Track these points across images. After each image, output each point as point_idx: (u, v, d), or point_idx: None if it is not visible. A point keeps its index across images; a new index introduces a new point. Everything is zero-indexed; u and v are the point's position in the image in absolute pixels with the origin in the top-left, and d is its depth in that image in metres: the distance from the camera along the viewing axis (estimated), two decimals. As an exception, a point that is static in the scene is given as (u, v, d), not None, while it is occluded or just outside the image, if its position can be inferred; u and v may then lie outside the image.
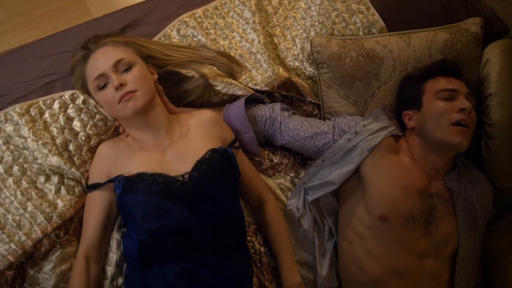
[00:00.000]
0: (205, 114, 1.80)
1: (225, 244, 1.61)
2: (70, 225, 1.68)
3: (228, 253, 1.61)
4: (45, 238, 1.62)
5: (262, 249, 1.84)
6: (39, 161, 1.68)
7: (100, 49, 1.67)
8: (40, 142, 1.68)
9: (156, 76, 1.77)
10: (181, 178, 1.59)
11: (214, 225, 1.59)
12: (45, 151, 1.68)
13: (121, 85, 1.60)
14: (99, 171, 1.68)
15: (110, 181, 1.63)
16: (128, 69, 1.64)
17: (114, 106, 1.62)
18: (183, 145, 1.69)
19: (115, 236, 1.72)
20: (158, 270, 1.54)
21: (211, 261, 1.56)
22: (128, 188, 1.57)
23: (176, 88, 1.88)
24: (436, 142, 1.77)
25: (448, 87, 1.80)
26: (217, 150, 1.68)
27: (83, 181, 1.71)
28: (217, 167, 1.64)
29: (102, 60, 1.64)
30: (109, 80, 1.62)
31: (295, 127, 1.93)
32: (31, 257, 1.60)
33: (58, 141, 1.72)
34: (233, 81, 1.93)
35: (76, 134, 1.76)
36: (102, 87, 1.64)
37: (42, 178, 1.71)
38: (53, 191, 1.70)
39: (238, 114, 1.89)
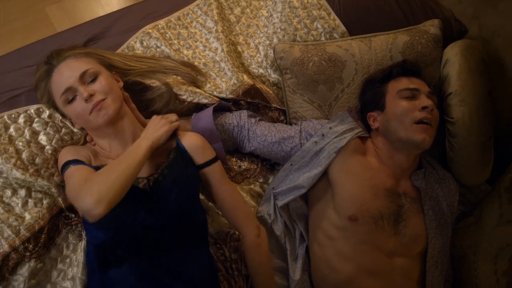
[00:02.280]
0: (191, 139, 1.77)
1: (182, 244, 1.61)
2: (40, 238, 1.67)
3: (185, 253, 1.61)
4: (13, 252, 1.61)
5: (232, 256, 1.84)
6: (4, 175, 1.67)
7: (63, 62, 1.67)
8: (4, 156, 1.66)
9: (121, 84, 1.77)
10: (145, 179, 1.59)
11: (171, 226, 1.59)
12: (9, 165, 1.66)
13: (90, 95, 1.60)
14: (76, 153, 1.64)
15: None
16: (94, 79, 1.64)
17: (86, 117, 1.62)
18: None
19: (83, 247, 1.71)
20: (115, 272, 1.53)
21: (168, 261, 1.56)
22: None
23: (140, 97, 1.89)
24: (400, 141, 1.80)
25: (410, 86, 1.84)
26: (182, 155, 1.68)
27: (52, 189, 1.69)
28: (179, 171, 1.65)
29: (67, 73, 1.64)
30: (77, 92, 1.62)
31: (262, 133, 1.94)
32: None
33: (24, 155, 1.70)
34: (198, 90, 1.94)
35: (42, 148, 1.75)
36: (70, 101, 1.64)
37: (8, 192, 1.69)
38: (20, 205, 1.69)
39: (206, 124, 1.90)
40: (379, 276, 1.75)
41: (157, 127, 1.63)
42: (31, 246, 1.64)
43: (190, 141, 1.75)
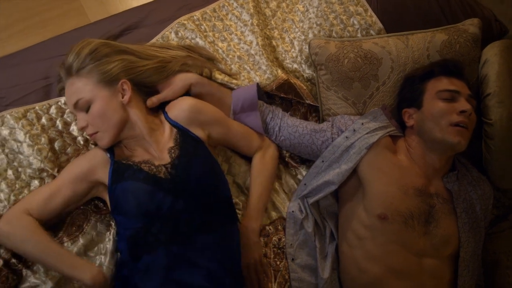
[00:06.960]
0: (185, 102, 1.78)
1: (214, 223, 1.62)
2: (61, 227, 1.69)
3: (218, 233, 1.62)
4: None
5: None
6: (34, 166, 1.68)
7: (67, 81, 1.68)
8: (36, 147, 1.69)
9: (127, 97, 1.68)
10: (163, 167, 1.60)
11: (199, 205, 1.60)
12: (40, 157, 1.68)
13: (82, 128, 1.65)
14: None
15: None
16: (88, 108, 1.64)
17: None
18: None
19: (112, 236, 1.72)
20: (147, 258, 1.54)
21: (201, 243, 1.57)
22: (117, 177, 1.60)
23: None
24: (435, 142, 1.77)
25: (450, 88, 1.80)
26: (187, 134, 1.70)
27: None
28: (190, 149, 1.67)
29: (67, 96, 1.69)
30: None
31: (294, 124, 1.94)
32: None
33: (56, 144, 1.73)
34: (234, 81, 1.95)
35: (74, 138, 1.78)
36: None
37: (36, 182, 1.70)
38: None
39: (248, 92, 1.90)
40: (408, 277, 1.72)
41: None
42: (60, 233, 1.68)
43: (180, 116, 1.75)
